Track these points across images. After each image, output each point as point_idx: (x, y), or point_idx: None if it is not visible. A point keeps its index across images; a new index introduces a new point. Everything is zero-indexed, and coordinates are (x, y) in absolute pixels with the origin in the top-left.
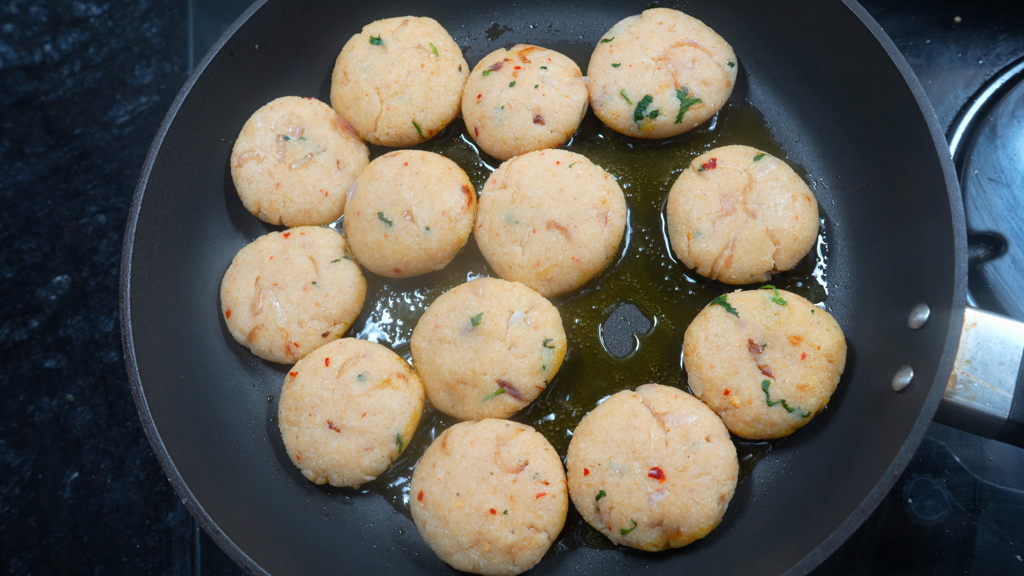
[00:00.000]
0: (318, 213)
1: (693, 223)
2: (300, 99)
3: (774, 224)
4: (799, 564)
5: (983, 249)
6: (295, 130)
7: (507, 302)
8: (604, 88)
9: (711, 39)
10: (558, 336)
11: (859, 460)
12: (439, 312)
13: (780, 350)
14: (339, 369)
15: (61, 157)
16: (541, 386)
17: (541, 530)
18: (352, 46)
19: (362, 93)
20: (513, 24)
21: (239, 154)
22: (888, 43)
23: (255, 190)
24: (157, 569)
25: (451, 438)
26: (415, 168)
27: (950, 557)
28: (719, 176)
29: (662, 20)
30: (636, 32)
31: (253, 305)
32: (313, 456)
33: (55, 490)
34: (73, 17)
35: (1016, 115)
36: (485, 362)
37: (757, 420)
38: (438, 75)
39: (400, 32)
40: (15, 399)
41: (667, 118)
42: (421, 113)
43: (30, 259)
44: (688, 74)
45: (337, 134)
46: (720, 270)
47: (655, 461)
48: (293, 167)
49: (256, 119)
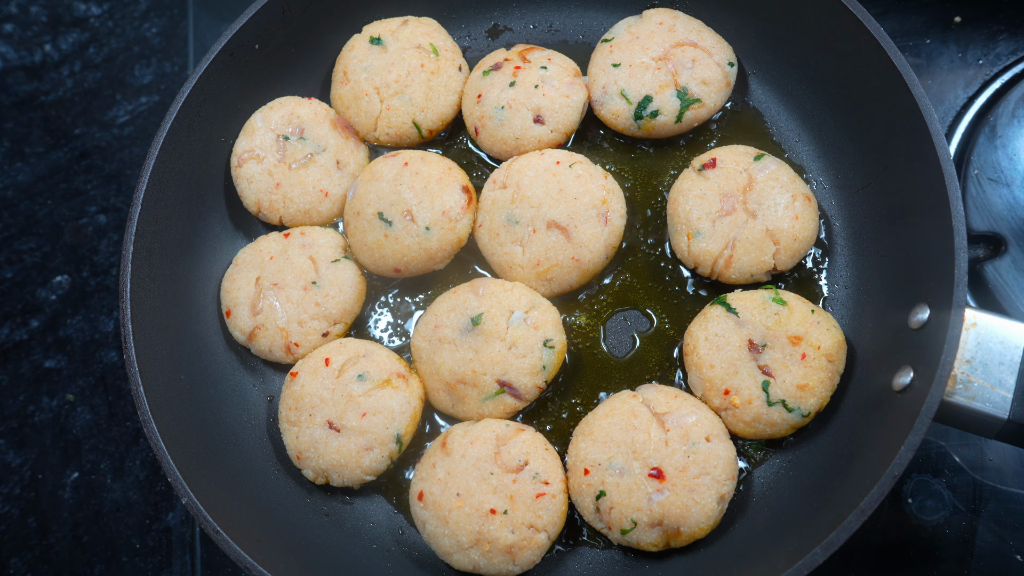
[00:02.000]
0: (318, 213)
1: (693, 223)
2: (300, 99)
3: (774, 224)
4: (799, 564)
5: (983, 249)
6: (295, 130)
7: (507, 302)
8: (604, 88)
9: (711, 39)
10: (558, 336)
11: (859, 460)
12: (439, 312)
13: (780, 350)
14: (339, 369)
15: (61, 157)
16: (541, 386)
17: (541, 530)
18: (352, 46)
19: (362, 93)
20: (513, 24)
21: (239, 154)
22: (888, 43)
23: (255, 190)
24: (157, 569)
25: (451, 438)
26: (415, 168)
27: (950, 557)
28: (719, 176)
29: (662, 20)
30: (636, 32)
31: (253, 305)
32: (313, 456)
33: (55, 490)
34: (73, 17)
35: (1016, 115)
36: (485, 362)
37: (757, 420)
38: (438, 75)
39: (400, 32)
40: (15, 399)
41: (667, 118)
42: (421, 113)
43: (30, 259)
44: (688, 74)
45: (337, 134)
46: (720, 270)
47: (655, 461)
48: (293, 167)
49: (256, 119)
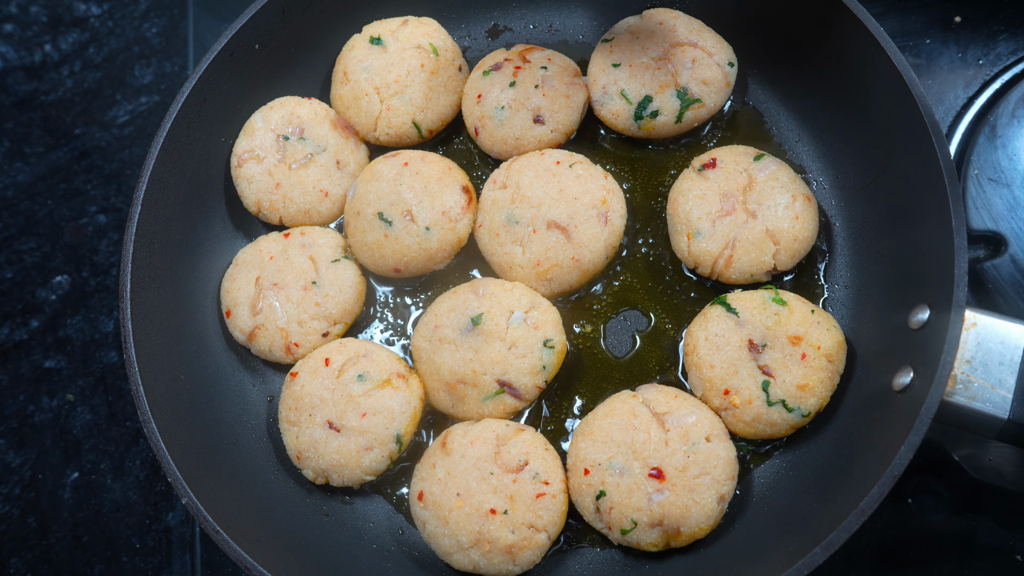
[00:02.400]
0: (318, 213)
1: (693, 223)
2: (300, 99)
3: (774, 224)
4: (799, 564)
5: (983, 249)
6: (295, 130)
7: (507, 302)
8: (604, 88)
9: (711, 39)
10: (558, 336)
11: (859, 460)
12: (439, 312)
13: (780, 350)
14: (339, 369)
15: (61, 157)
16: (541, 386)
17: (541, 530)
18: (352, 46)
19: (362, 93)
20: (513, 24)
21: (239, 154)
22: (888, 43)
23: (255, 190)
24: (157, 569)
25: (451, 438)
26: (415, 168)
27: (950, 557)
28: (719, 176)
29: (662, 20)
30: (636, 32)
31: (253, 305)
32: (313, 456)
33: (55, 490)
34: (73, 17)
35: (1016, 115)
36: (485, 362)
37: (757, 420)
38: (438, 75)
39: (400, 32)
40: (15, 399)
41: (667, 118)
42: (421, 113)
43: (30, 259)
44: (688, 74)
45: (337, 134)
46: (720, 270)
47: (655, 461)
48: (293, 167)
49: (256, 119)
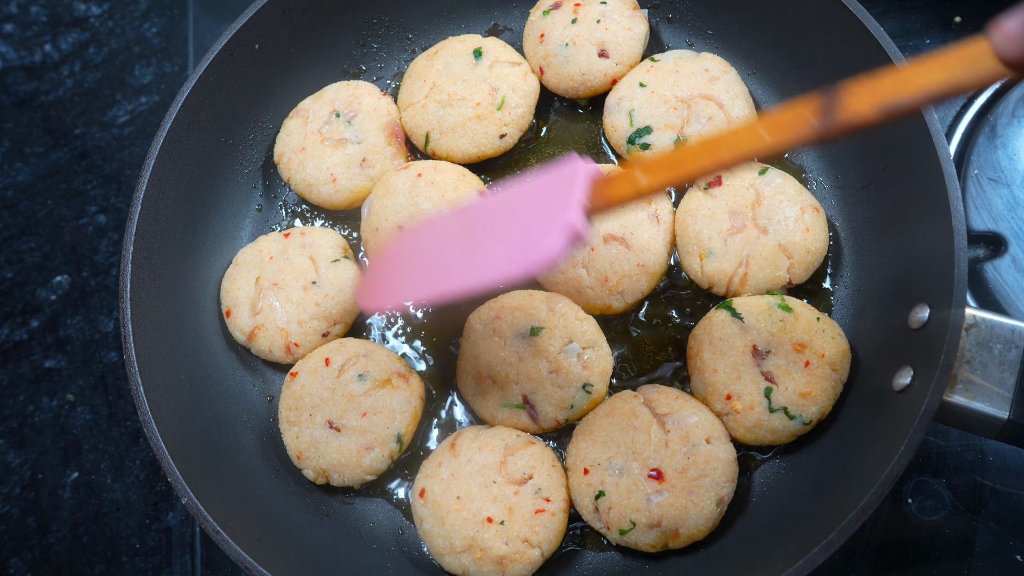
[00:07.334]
0: (319, 193)
1: (704, 243)
2: (374, 89)
3: (786, 238)
4: (799, 564)
5: (983, 249)
6: (348, 113)
7: (572, 330)
8: (619, 100)
9: (741, 109)
10: (600, 385)
11: (859, 460)
12: (507, 305)
13: (784, 357)
14: (339, 369)
15: (61, 157)
16: (561, 422)
17: (535, 546)
18: (448, 52)
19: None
20: (513, 24)
21: (298, 107)
22: (888, 43)
23: (285, 143)
24: (157, 569)
25: (461, 440)
26: (429, 178)
27: (950, 557)
28: (726, 193)
29: (709, 68)
30: (680, 66)
31: (253, 305)
32: (313, 456)
33: (55, 490)
34: (73, 17)
35: (1016, 115)
36: (522, 373)
37: (758, 426)
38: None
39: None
40: (15, 399)
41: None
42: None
43: (30, 259)
44: (696, 128)
45: (383, 136)
46: (736, 288)
47: (655, 462)
48: (324, 142)
49: (329, 89)
